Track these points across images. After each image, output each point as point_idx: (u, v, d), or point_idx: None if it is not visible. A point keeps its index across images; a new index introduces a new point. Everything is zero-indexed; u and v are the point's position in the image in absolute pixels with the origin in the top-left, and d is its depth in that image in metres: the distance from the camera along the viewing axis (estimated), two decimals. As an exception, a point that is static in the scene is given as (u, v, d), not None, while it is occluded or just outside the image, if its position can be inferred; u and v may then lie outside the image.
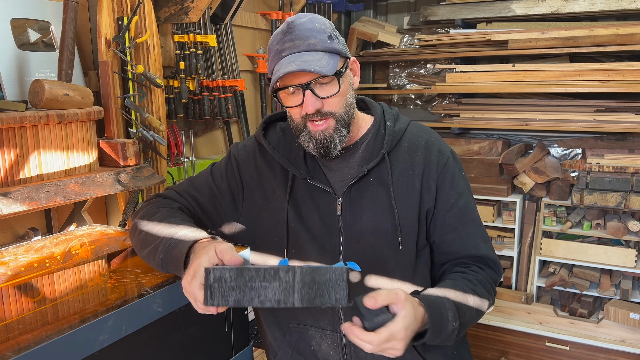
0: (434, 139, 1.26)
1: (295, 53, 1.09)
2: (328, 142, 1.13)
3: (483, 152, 2.96)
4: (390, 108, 1.30)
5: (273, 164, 1.26)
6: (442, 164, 1.22)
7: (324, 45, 1.10)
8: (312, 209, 1.21)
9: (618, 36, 2.51)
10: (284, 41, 1.11)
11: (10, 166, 1.26)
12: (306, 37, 1.10)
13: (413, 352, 1.21)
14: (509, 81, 2.78)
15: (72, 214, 1.62)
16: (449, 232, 1.20)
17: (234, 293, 0.91)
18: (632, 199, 2.47)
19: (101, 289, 1.14)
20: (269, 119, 1.34)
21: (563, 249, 2.72)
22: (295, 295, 0.91)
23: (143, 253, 1.15)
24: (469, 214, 1.22)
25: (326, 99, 1.11)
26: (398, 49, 3.23)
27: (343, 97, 1.14)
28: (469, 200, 1.23)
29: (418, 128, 1.27)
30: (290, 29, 1.11)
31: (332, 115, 1.12)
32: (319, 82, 1.10)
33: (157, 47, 1.79)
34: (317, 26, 1.12)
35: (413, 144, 1.22)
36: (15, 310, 1.02)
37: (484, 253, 1.21)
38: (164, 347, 1.11)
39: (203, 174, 1.34)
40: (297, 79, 1.10)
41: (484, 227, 1.25)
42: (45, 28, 1.53)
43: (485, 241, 1.23)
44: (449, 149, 1.26)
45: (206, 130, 2.35)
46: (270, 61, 1.15)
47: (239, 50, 2.41)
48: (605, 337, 2.59)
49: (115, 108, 1.60)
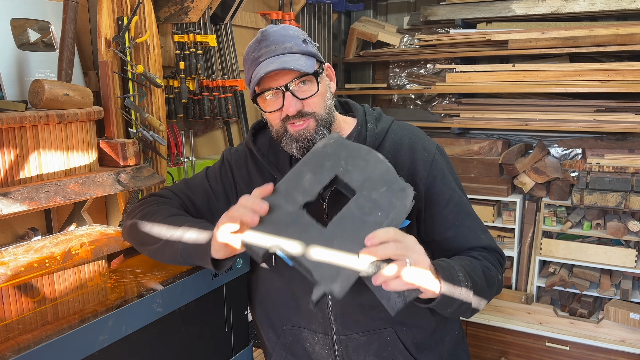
0: (417, 137, 1.25)
1: (272, 57, 1.11)
2: (309, 141, 1.14)
3: (483, 152, 2.96)
4: (373, 109, 1.30)
5: (262, 170, 1.27)
6: (429, 161, 1.21)
7: (299, 48, 1.13)
8: None
9: (618, 36, 2.51)
10: (259, 48, 1.13)
11: (10, 166, 1.25)
12: (282, 42, 1.12)
13: (405, 353, 1.21)
14: (509, 81, 2.78)
15: (72, 214, 1.62)
16: (450, 228, 1.20)
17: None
18: (632, 199, 2.47)
19: (101, 289, 1.14)
20: (257, 124, 1.35)
21: (563, 249, 2.72)
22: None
23: (151, 248, 1.15)
24: (464, 208, 1.22)
25: (306, 100, 1.13)
26: (398, 49, 3.23)
27: (322, 97, 1.15)
28: (462, 194, 1.24)
29: (401, 127, 1.27)
30: (265, 37, 1.14)
31: (312, 115, 1.14)
32: (298, 84, 1.12)
33: (157, 47, 1.79)
34: (290, 32, 1.15)
35: (396, 144, 1.22)
36: (15, 310, 1.02)
37: (486, 243, 1.21)
38: (164, 347, 1.11)
39: (198, 176, 1.35)
40: (275, 81, 1.11)
41: (479, 219, 1.25)
42: (45, 28, 1.53)
43: (484, 232, 1.23)
44: (434, 144, 1.26)
45: (206, 130, 2.35)
46: (247, 70, 1.17)
47: (239, 50, 2.41)
48: (605, 337, 2.59)
49: (115, 108, 1.60)
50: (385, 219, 0.95)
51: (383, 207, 0.96)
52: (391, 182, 0.99)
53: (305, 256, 0.93)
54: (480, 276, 1.10)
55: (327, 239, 0.94)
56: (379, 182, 0.99)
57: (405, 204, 0.97)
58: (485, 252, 1.20)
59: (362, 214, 0.96)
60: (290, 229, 0.96)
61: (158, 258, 1.16)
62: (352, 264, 0.91)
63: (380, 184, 0.99)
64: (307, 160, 1.04)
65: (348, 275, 0.90)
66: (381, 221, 0.94)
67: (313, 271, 0.91)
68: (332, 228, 0.96)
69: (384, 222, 0.94)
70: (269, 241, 0.95)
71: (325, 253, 0.92)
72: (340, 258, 0.92)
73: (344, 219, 0.96)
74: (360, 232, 0.93)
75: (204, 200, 1.29)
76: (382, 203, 0.97)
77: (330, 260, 0.92)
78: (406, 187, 0.99)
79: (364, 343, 1.20)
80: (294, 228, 0.96)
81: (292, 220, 0.97)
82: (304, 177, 1.01)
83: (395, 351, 1.21)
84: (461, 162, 2.92)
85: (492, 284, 1.14)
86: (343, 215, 0.97)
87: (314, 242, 0.94)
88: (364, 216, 0.96)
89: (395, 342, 1.20)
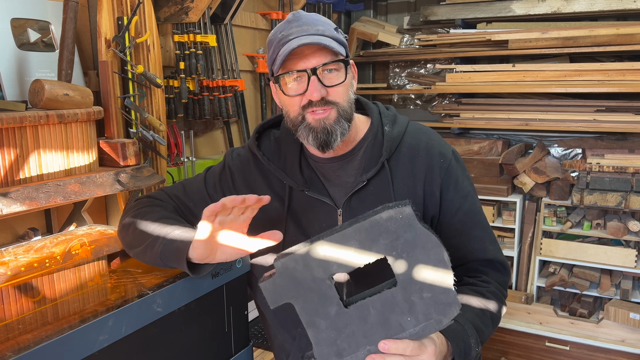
0: (434, 141, 1.21)
1: (304, 35, 1.05)
2: (329, 132, 1.08)
3: (483, 152, 2.96)
4: (387, 108, 1.25)
5: (268, 175, 1.22)
6: (445, 167, 1.17)
7: (331, 33, 1.08)
8: (312, 220, 1.18)
9: (618, 36, 2.51)
10: (290, 27, 1.07)
11: (10, 166, 1.25)
12: (314, 24, 1.07)
13: None
14: (509, 81, 2.78)
15: (72, 214, 1.62)
16: (455, 236, 1.16)
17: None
18: (632, 199, 2.47)
19: (101, 289, 1.14)
20: (261, 127, 1.29)
21: (563, 249, 2.72)
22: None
23: (136, 250, 1.13)
24: (474, 217, 1.18)
25: (331, 88, 1.07)
26: (398, 49, 3.23)
27: (347, 89, 1.11)
28: (474, 202, 1.19)
29: (417, 130, 1.23)
30: (297, 18, 1.09)
31: (335, 105, 1.08)
32: (325, 70, 1.07)
33: (157, 47, 1.79)
34: (322, 19, 1.11)
35: (413, 149, 1.18)
36: (15, 310, 1.02)
37: (492, 256, 1.17)
38: (164, 347, 1.11)
39: (197, 180, 1.30)
40: (303, 63, 1.06)
41: (490, 228, 1.21)
42: (45, 28, 1.53)
43: (493, 243, 1.19)
44: (451, 149, 1.22)
45: (206, 130, 2.35)
46: (272, 51, 1.10)
47: (239, 50, 2.41)
48: (605, 337, 2.59)
49: (115, 108, 1.60)
50: (411, 328, 0.85)
51: (416, 313, 0.85)
52: (441, 292, 0.85)
53: (313, 330, 0.87)
54: (488, 324, 1.06)
55: (342, 322, 0.87)
56: (428, 287, 0.85)
57: (442, 320, 0.85)
58: (488, 272, 1.15)
59: (391, 310, 0.86)
60: (311, 297, 0.88)
61: (141, 258, 1.14)
62: (355, 358, 0.86)
63: (428, 289, 0.85)
64: (361, 228, 0.86)
65: None
66: (406, 327, 0.85)
67: (315, 347, 0.87)
68: (352, 312, 0.87)
69: (409, 330, 0.85)
70: (283, 298, 0.89)
71: (333, 336, 0.86)
72: (346, 347, 0.86)
73: (369, 307, 0.86)
74: (378, 329, 0.86)
75: (201, 207, 1.26)
76: (417, 309, 0.85)
77: (334, 345, 0.86)
78: (454, 304, 0.85)
79: None
80: (315, 298, 0.88)
81: (316, 288, 0.87)
82: (348, 246, 0.87)
83: None
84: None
85: (496, 321, 1.10)
86: (370, 303, 0.87)
87: (328, 321, 0.86)
88: (391, 313, 0.86)
89: None
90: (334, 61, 1.06)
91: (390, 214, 0.85)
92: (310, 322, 0.87)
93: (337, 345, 0.86)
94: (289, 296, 0.88)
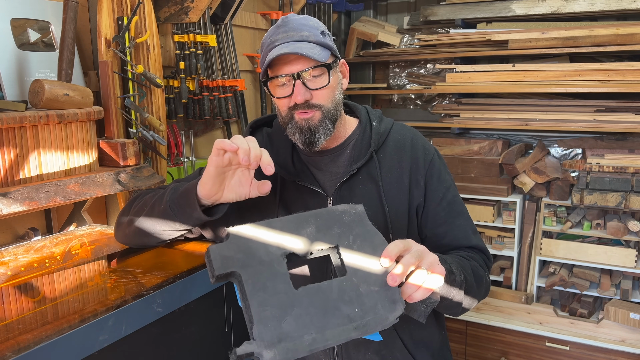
0: (418, 137, 1.29)
1: (287, 42, 1.12)
2: (312, 132, 1.14)
3: (483, 152, 2.96)
4: (374, 109, 1.33)
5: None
6: (429, 160, 1.25)
7: (316, 38, 1.14)
8: (303, 209, 1.21)
9: (618, 36, 2.51)
10: (277, 33, 1.14)
11: (10, 166, 1.25)
12: (299, 30, 1.13)
13: (404, 351, 1.21)
14: (509, 81, 2.78)
15: (72, 214, 1.62)
16: (440, 225, 1.23)
17: None
18: (632, 199, 2.47)
19: (101, 289, 1.14)
20: (255, 123, 1.35)
21: (563, 249, 2.73)
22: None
23: (141, 218, 1.18)
24: (457, 207, 1.25)
25: (315, 91, 1.13)
26: (398, 49, 3.23)
27: (332, 91, 1.16)
28: (456, 194, 1.27)
29: (402, 127, 1.31)
30: (285, 23, 1.15)
31: (319, 107, 1.14)
32: (310, 74, 1.12)
33: (157, 47, 1.79)
34: (310, 22, 1.16)
35: (399, 142, 1.26)
36: (15, 310, 1.02)
37: (475, 243, 1.24)
38: (164, 347, 1.11)
39: (191, 177, 1.33)
40: (288, 68, 1.12)
41: (471, 219, 1.28)
42: (45, 28, 1.53)
43: (475, 232, 1.26)
44: (433, 146, 1.31)
45: (206, 130, 2.35)
46: (262, 54, 1.17)
47: (239, 50, 2.41)
48: (605, 337, 2.59)
49: (115, 108, 1.60)
50: (358, 319, 0.85)
51: (364, 305, 0.86)
52: (387, 289, 0.88)
53: (257, 306, 0.82)
54: (470, 273, 1.12)
55: (290, 302, 0.84)
56: (375, 279, 0.88)
57: (388, 317, 0.86)
58: (473, 252, 1.22)
59: (340, 299, 0.86)
60: (261, 270, 0.86)
61: (147, 223, 1.17)
62: (299, 344, 0.81)
63: (375, 282, 0.88)
64: (319, 215, 0.94)
65: (286, 350, 0.80)
66: (353, 318, 0.85)
67: (255, 326, 0.81)
68: (301, 294, 0.85)
69: (355, 321, 0.84)
70: (231, 266, 0.85)
71: (278, 316, 0.82)
72: (290, 331, 0.82)
73: (319, 294, 0.86)
74: (326, 316, 0.84)
75: None
76: (365, 301, 0.86)
77: (278, 327, 0.81)
78: (398, 301, 0.87)
79: (364, 340, 1.20)
80: (265, 271, 0.86)
81: (268, 262, 0.87)
82: (305, 228, 0.92)
83: (394, 348, 1.21)
84: (461, 162, 2.92)
85: (480, 283, 1.16)
86: (320, 289, 0.86)
87: (275, 298, 0.83)
88: (340, 303, 0.86)
89: (394, 339, 1.21)
90: (315, 67, 1.12)
91: (345, 208, 0.96)
92: (255, 296, 0.83)
93: (280, 328, 0.81)
94: (238, 265, 0.85)
